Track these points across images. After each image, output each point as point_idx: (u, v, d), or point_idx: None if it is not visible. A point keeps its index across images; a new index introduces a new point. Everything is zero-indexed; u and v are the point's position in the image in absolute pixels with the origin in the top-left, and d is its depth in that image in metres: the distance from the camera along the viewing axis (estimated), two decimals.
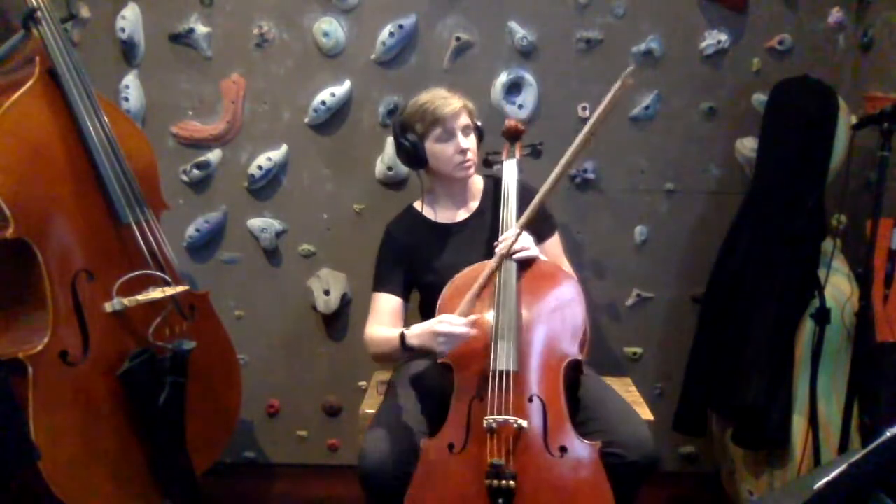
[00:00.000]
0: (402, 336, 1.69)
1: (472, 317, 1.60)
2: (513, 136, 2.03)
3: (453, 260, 1.83)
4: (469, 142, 1.84)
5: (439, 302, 1.72)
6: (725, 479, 2.43)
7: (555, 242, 1.97)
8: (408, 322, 1.81)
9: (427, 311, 1.92)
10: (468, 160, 1.84)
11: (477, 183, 2.00)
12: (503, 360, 1.57)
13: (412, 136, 1.85)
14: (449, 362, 1.63)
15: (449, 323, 1.57)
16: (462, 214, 1.94)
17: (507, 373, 1.56)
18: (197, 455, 2.03)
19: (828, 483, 1.09)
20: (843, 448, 1.88)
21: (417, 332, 1.66)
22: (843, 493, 1.14)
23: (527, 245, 1.74)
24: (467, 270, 1.75)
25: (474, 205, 1.96)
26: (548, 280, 1.74)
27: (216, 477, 2.24)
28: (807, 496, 1.10)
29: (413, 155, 1.86)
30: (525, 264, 1.74)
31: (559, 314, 1.70)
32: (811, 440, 2.04)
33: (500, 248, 1.71)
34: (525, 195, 1.88)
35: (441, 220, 1.94)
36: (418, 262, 1.90)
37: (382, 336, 1.79)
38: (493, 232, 1.87)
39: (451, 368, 1.63)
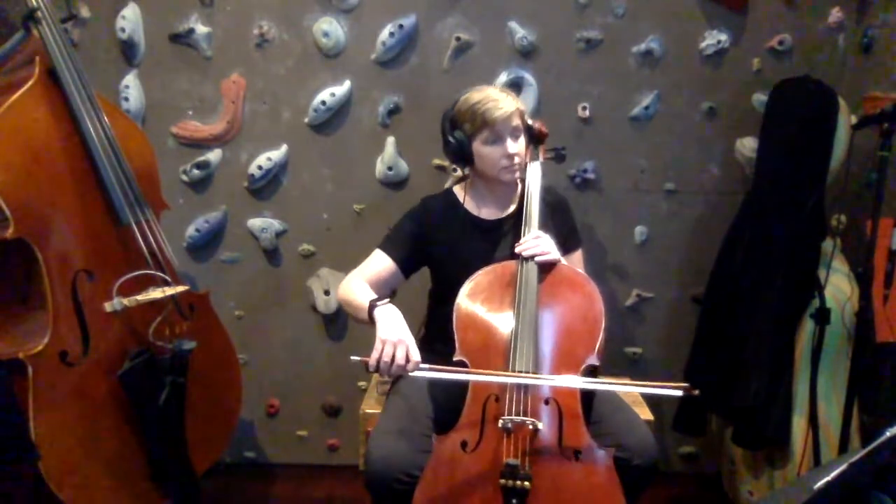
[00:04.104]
0: (372, 307, 1.65)
1: (419, 373, 1.56)
2: (537, 138, 1.99)
3: (478, 256, 1.80)
4: (517, 146, 1.79)
5: (458, 299, 1.69)
6: (725, 479, 2.44)
7: (577, 258, 1.95)
8: (397, 294, 1.79)
9: (437, 299, 1.91)
10: (514, 165, 1.80)
11: (519, 184, 1.95)
12: (522, 361, 1.56)
13: (460, 134, 1.80)
14: (465, 360, 1.62)
15: (407, 356, 1.54)
16: (498, 213, 1.91)
17: (525, 374, 1.56)
18: (197, 455, 2.03)
19: (828, 483, 1.09)
20: (843, 448, 1.88)
21: (386, 321, 1.60)
22: (843, 493, 1.14)
23: (547, 249, 1.73)
24: (488, 269, 1.74)
25: (513, 206, 1.92)
26: (568, 284, 1.73)
27: (216, 477, 2.24)
28: (807, 496, 1.10)
29: (459, 153, 1.81)
30: (547, 267, 1.73)
31: (579, 318, 1.69)
32: (811, 440, 2.05)
33: (521, 250, 1.71)
34: (548, 199, 1.88)
35: (477, 214, 1.90)
36: (441, 248, 1.86)
37: (358, 290, 1.75)
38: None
39: (467, 366, 1.62)
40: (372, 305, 1.65)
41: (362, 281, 1.80)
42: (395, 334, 1.56)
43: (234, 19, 2.37)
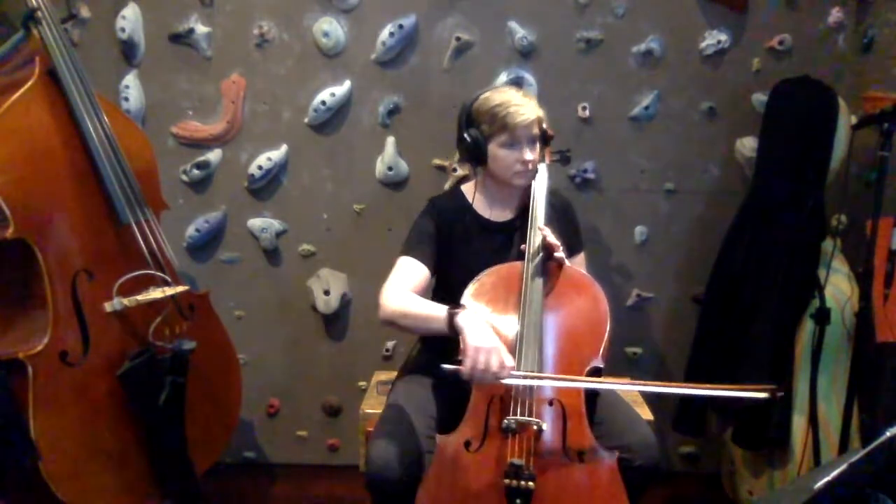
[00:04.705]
0: (453, 315, 1.56)
1: (511, 380, 1.51)
2: (544, 141, 1.96)
3: (485, 257, 1.79)
4: (533, 153, 1.79)
5: (462, 300, 1.68)
6: (725, 479, 2.44)
7: (580, 260, 1.95)
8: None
9: (440, 298, 1.90)
10: (528, 171, 1.80)
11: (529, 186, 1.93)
12: (527, 361, 1.56)
13: (476, 132, 1.78)
14: None
15: (501, 363, 1.49)
16: (507, 215, 1.89)
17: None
18: (197, 455, 2.03)
19: (828, 483, 1.09)
20: (843, 448, 1.88)
21: (475, 328, 1.52)
22: (843, 493, 1.14)
23: (557, 242, 1.72)
24: (493, 270, 1.73)
25: (520, 209, 1.90)
26: (573, 286, 1.72)
27: (216, 477, 2.24)
28: (807, 496, 1.10)
29: (473, 151, 1.79)
30: (552, 269, 1.72)
31: (583, 320, 1.69)
32: (811, 440, 2.05)
33: (542, 227, 1.71)
34: (554, 201, 1.88)
35: (485, 215, 1.89)
36: (450, 247, 1.85)
37: (416, 301, 1.67)
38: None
39: None
40: (452, 314, 1.57)
41: (410, 292, 1.71)
42: (487, 341, 1.50)
43: (234, 19, 2.37)
